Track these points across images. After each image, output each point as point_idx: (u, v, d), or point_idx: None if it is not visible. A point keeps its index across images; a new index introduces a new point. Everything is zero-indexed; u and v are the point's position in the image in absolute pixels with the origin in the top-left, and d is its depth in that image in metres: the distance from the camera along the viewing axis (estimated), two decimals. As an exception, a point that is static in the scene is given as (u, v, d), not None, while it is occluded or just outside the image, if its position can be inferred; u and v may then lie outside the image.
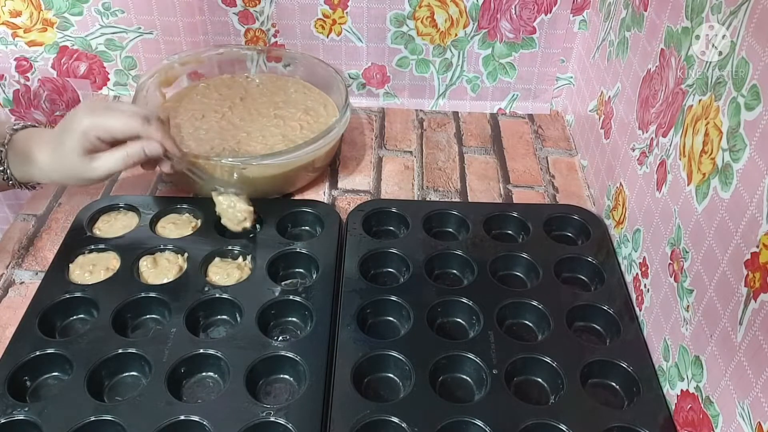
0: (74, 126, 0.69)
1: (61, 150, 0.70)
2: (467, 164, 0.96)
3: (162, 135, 0.72)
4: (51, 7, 0.97)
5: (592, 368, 0.66)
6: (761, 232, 0.48)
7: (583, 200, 0.91)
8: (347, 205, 0.87)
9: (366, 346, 0.66)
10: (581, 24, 0.98)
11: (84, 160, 0.69)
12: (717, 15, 0.56)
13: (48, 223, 0.83)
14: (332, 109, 0.94)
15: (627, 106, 0.78)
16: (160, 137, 0.71)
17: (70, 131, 0.69)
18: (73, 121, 0.69)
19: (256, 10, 0.98)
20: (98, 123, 0.69)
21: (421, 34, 1.00)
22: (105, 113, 0.70)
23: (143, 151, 0.70)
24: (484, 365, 0.65)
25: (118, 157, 0.70)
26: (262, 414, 0.60)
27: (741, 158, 0.51)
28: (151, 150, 0.71)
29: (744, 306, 0.50)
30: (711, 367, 0.55)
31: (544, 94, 1.07)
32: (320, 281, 0.73)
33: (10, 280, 0.75)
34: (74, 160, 0.69)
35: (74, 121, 0.69)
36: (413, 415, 0.60)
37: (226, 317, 0.71)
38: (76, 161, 0.69)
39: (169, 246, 0.77)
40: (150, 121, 0.71)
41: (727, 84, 0.54)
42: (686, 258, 0.60)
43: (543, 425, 0.60)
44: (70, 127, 0.69)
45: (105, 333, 0.66)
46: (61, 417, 0.59)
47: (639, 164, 0.73)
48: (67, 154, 0.69)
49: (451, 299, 0.72)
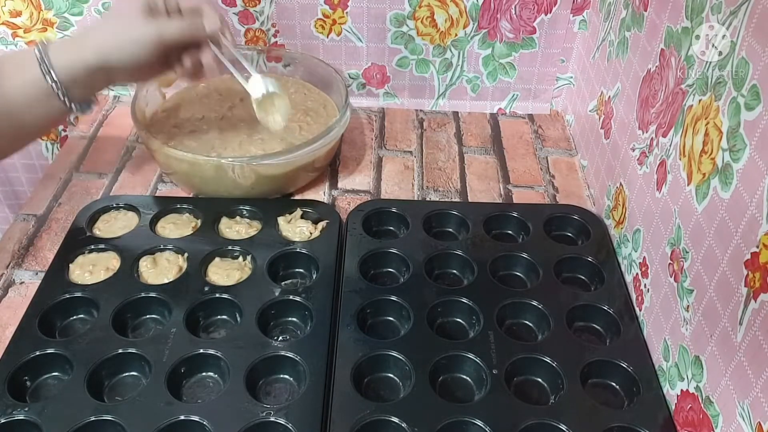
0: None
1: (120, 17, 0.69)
2: (467, 164, 0.96)
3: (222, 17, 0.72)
4: (51, 7, 0.97)
5: (592, 368, 0.66)
6: (761, 232, 0.48)
7: (583, 200, 0.91)
8: (347, 205, 0.87)
9: (366, 346, 0.66)
10: (581, 24, 0.98)
11: (146, 21, 0.68)
12: (717, 15, 0.56)
13: (48, 223, 0.83)
14: (332, 109, 0.94)
15: (627, 106, 0.78)
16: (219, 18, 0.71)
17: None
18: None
19: (256, 10, 0.98)
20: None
21: (421, 34, 1.00)
22: None
23: (203, 24, 0.71)
24: (484, 365, 0.65)
25: (179, 24, 0.70)
26: (262, 414, 0.60)
27: (741, 158, 0.51)
28: (211, 24, 0.71)
29: (744, 306, 0.50)
30: (711, 367, 0.55)
31: (544, 94, 1.07)
32: (320, 281, 0.73)
33: (10, 280, 0.75)
34: (135, 21, 0.68)
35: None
36: (413, 415, 0.60)
37: (226, 317, 0.71)
38: (138, 23, 0.68)
39: (169, 246, 0.77)
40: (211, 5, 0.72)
41: (727, 84, 0.54)
42: (686, 258, 0.60)
43: (543, 425, 0.60)
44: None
45: (105, 333, 0.66)
46: (61, 417, 0.59)
47: (639, 164, 0.73)
48: (128, 17, 0.68)
49: (451, 299, 0.72)
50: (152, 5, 0.69)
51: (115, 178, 0.90)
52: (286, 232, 0.79)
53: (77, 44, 0.69)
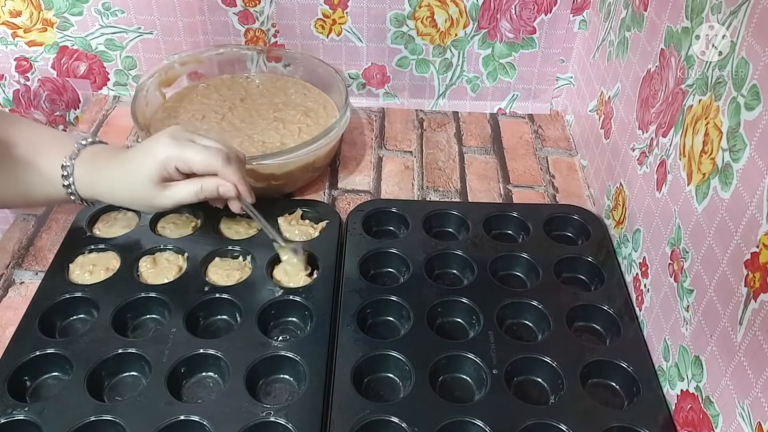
0: (155, 152, 0.68)
1: (135, 174, 0.69)
2: (467, 164, 0.96)
3: (238, 177, 0.70)
4: (51, 7, 0.97)
5: (592, 368, 0.66)
6: (761, 232, 0.48)
7: (583, 200, 0.91)
8: (347, 205, 0.87)
9: (366, 346, 0.66)
10: (581, 24, 0.98)
11: (157, 188, 0.69)
12: (717, 15, 0.56)
13: (48, 223, 0.83)
14: (332, 109, 0.94)
15: (627, 106, 0.78)
16: (236, 179, 0.70)
17: (149, 157, 0.68)
18: (155, 148, 0.68)
19: (256, 10, 0.98)
20: (180, 155, 0.68)
21: (421, 34, 1.00)
22: (188, 146, 0.69)
23: (218, 189, 0.70)
24: (484, 365, 0.65)
25: (192, 190, 0.70)
26: (262, 414, 0.60)
27: (741, 158, 0.51)
28: (225, 190, 0.70)
29: (744, 306, 0.50)
30: (711, 367, 0.55)
31: (544, 94, 1.07)
32: (320, 281, 0.73)
33: (10, 280, 0.75)
34: (147, 186, 0.69)
35: (156, 148, 0.68)
36: (413, 415, 0.60)
37: (226, 317, 0.71)
38: (149, 187, 0.69)
39: (169, 246, 0.77)
40: (230, 161, 0.70)
41: (727, 84, 0.54)
42: (686, 258, 0.60)
43: (543, 425, 0.60)
44: (150, 153, 0.68)
45: (105, 333, 0.66)
46: (61, 417, 0.59)
47: (639, 164, 0.73)
48: (141, 179, 0.69)
49: (451, 299, 0.72)
50: (166, 176, 0.69)
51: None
52: (286, 232, 0.79)
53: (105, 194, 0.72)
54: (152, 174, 0.68)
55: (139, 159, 0.69)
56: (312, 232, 0.79)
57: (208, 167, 0.69)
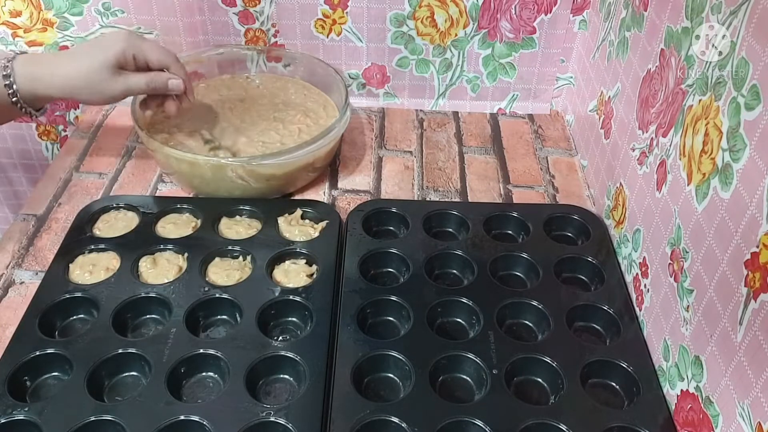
0: (113, 40, 0.75)
1: (89, 60, 0.74)
2: (467, 164, 0.96)
3: (186, 75, 0.80)
4: (51, 7, 0.97)
5: (592, 368, 0.66)
6: (761, 232, 0.48)
7: (583, 200, 0.91)
8: (347, 205, 0.87)
9: (366, 346, 0.66)
10: (581, 24, 0.98)
11: (111, 73, 0.74)
12: (717, 15, 0.56)
13: (48, 223, 0.83)
14: (332, 110, 0.94)
15: (627, 106, 0.78)
16: (184, 75, 0.80)
17: (106, 45, 0.74)
18: (113, 38, 0.75)
19: (256, 10, 0.98)
20: (139, 45, 0.76)
21: (421, 34, 1.00)
22: (145, 40, 0.77)
23: (167, 82, 0.78)
24: (484, 365, 0.65)
25: (143, 80, 0.77)
26: (262, 414, 0.60)
27: (741, 158, 0.51)
28: (173, 84, 0.79)
29: (744, 306, 0.50)
30: (711, 367, 0.55)
31: (544, 94, 1.07)
32: (320, 281, 0.73)
33: (10, 280, 0.75)
34: (101, 71, 0.73)
35: (114, 37, 0.75)
36: (413, 415, 0.60)
37: (226, 317, 0.71)
38: (104, 73, 0.74)
39: (169, 246, 0.77)
40: (179, 61, 0.79)
41: (727, 84, 0.54)
42: (686, 258, 0.60)
43: (543, 425, 0.60)
44: (107, 42, 0.75)
45: (105, 333, 0.67)
46: (61, 417, 0.59)
47: (639, 164, 0.73)
48: (96, 65, 0.73)
49: (451, 299, 0.72)
50: (122, 63, 0.75)
51: (115, 178, 0.90)
52: (286, 232, 0.79)
53: (46, 76, 0.74)
54: (110, 59, 0.73)
55: (94, 49, 0.75)
56: (312, 232, 0.79)
57: (163, 60, 0.78)
